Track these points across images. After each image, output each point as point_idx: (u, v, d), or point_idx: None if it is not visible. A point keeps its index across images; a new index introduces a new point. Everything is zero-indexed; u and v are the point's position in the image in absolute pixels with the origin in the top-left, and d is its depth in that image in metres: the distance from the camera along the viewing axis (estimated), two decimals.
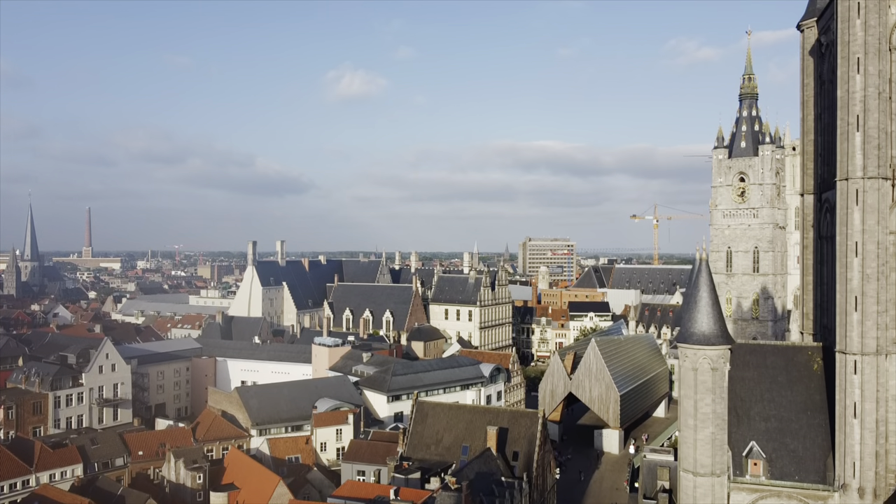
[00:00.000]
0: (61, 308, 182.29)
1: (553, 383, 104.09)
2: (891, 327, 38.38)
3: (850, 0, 37.28)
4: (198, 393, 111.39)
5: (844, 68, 37.89)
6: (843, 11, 37.74)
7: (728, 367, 41.10)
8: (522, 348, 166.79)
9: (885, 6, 37.51)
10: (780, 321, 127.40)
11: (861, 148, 37.37)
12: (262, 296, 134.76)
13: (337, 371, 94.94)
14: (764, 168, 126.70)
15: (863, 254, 37.30)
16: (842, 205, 38.19)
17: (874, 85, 37.42)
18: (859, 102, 37.32)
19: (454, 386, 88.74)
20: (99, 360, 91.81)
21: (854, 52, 37.43)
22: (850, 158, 37.82)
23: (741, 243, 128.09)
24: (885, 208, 37.82)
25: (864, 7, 36.91)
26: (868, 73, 37.20)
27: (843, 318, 38.55)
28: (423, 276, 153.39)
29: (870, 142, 37.36)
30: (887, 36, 37.86)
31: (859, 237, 37.45)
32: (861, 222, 37.50)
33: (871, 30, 37.19)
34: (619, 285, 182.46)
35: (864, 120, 37.18)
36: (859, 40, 37.31)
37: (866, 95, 37.24)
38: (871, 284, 37.53)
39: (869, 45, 37.13)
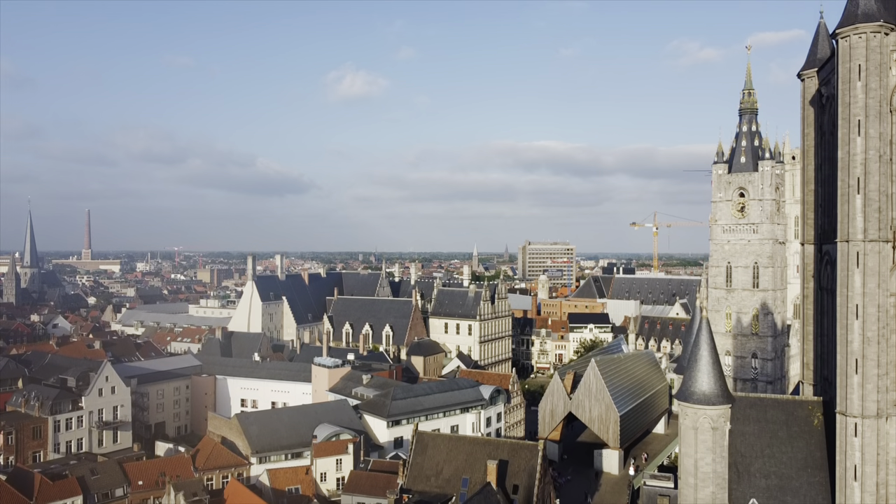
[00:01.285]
0: (61, 319, 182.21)
1: (553, 403, 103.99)
2: (891, 390, 38.37)
3: (851, 62, 37.25)
4: (197, 411, 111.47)
5: (845, 129, 37.83)
6: (843, 73, 37.68)
7: (728, 426, 41.09)
8: (522, 360, 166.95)
9: (886, 68, 37.41)
10: (779, 336, 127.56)
11: (862, 210, 37.34)
12: (262, 311, 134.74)
13: (337, 392, 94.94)
14: (764, 184, 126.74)
15: (863, 317, 37.29)
16: (842, 266, 38.19)
17: (875, 148, 37.35)
18: (860, 165, 37.27)
19: (454, 409, 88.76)
20: (99, 383, 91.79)
21: (855, 115, 37.36)
22: (850, 220, 37.80)
23: (741, 259, 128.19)
24: (886, 271, 37.79)
25: (864, 69, 36.85)
26: (869, 136, 37.13)
27: (844, 379, 38.53)
28: (422, 288, 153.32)
29: (870, 204, 37.32)
30: (888, 98, 37.77)
31: (860, 300, 37.45)
32: (862, 285, 37.50)
33: (871, 92, 37.13)
34: (618, 295, 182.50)
35: (865, 182, 37.14)
36: (860, 102, 37.24)
37: (867, 158, 37.18)
38: (871, 347, 37.50)
39: (870, 108, 37.06)
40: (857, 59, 37.09)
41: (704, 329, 41.94)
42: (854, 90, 37.22)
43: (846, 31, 37.83)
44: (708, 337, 41.62)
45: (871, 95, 37.16)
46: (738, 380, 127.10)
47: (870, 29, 37.16)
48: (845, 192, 37.87)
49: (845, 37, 37.93)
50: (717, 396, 41.06)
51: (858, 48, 37.26)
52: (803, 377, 50.47)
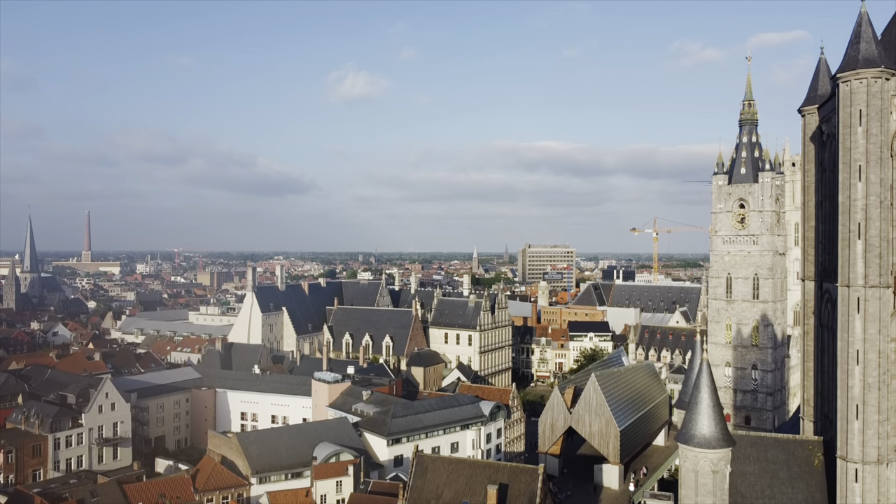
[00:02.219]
0: (60, 327, 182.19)
1: (553, 417, 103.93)
2: (892, 436, 38.36)
3: (852, 106, 37.17)
4: (198, 425, 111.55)
5: (846, 174, 37.79)
6: (844, 117, 37.59)
7: (729, 469, 41.03)
8: (522, 368, 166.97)
9: (887, 113, 37.34)
10: (780, 347, 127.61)
11: (863, 256, 37.29)
12: (262, 322, 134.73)
13: (336, 408, 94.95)
14: (764, 195, 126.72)
15: (864, 362, 37.25)
16: (843, 311, 38.18)
17: (876, 193, 37.30)
18: (861, 210, 37.22)
19: (454, 426, 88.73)
20: (99, 400, 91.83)
21: (856, 160, 37.31)
22: (851, 265, 37.76)
23: (741, 270, 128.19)
24: (887, 316, 37.77)
25: (865, 114, 36.76)
26: (870, 182, 37.08)
27: (845, 424, 38.51)
28: (422, 297, 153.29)
29: (871, 250, 37.26)
30: (889, 143, 37.71)
31: (860, 346, 37.41)
32: (862, 331, 37.46)
33: (872, 137, 37.05)
34: (618, 303, 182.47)
35: (866, 228, 37.09)
36: (861, 148, 37.17)
37: (868, 204, 37.13)
38: (872, 393, 37.47)
39: (871, 154, 37.00)
40: (857, 104, 37.05)
41: (705, 372, 41.87)
42: (855, 135, 37.15)
43: (847, 76, 37.78)
44: (708, 380, 41.55)
45: (871, 141, 37.09)
46: (738, 391, 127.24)
47: (871, 74, 37.09)
48: (846, 237, 37.84)
49: (846, 81, 37.89)
50: (717, 440, 41.01)
51: (859, 93, 37.20)
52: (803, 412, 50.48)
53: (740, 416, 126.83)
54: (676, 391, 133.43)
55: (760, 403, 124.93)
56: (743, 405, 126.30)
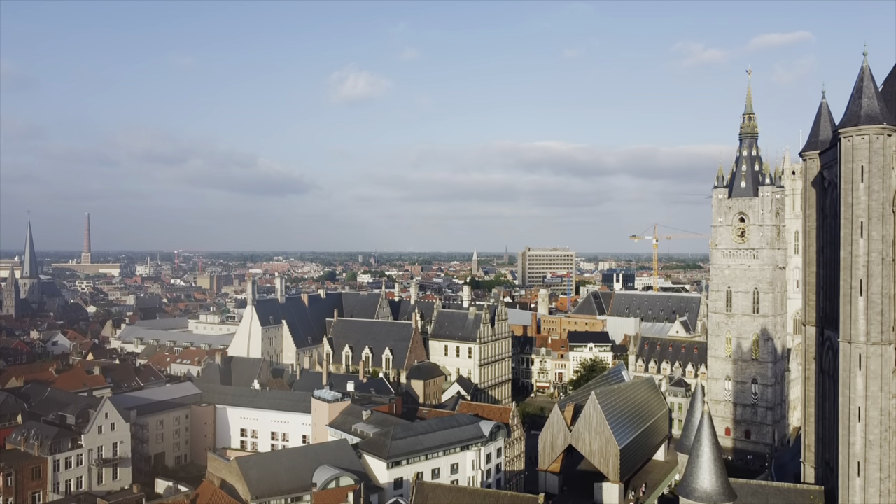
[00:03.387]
0: (60, 336, 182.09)
1: (553, 435, 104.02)
2: (893, 493, 38.29)
3: (854, 162, 36.99)
4: (197, 441, 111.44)
5: (847, 230, 37.64)
6: (846, 172, 37.43)
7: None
8: (522, 379, 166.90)
9: (889, 169, 37.17)
10: (780, 361, 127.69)
11: (864, 313, 37.19)
12: (262, 335, 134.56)
13: (336, 427, 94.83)
14: (764, 209, 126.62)
15: (866, 420, 37.15)
16: (844, 367, 38.07)
17: (878, 250, 37.17)
18: (862, 267, 37.10)
19: (454, 447, 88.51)
20: (98, 420, 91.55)
21: (857, 216, 37.16)
22: (853, 322, 37.66)
23: (741, 284, 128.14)
24: (889, 373, 37.65)
25: (867, 171, 36.60)
26: (872, 238, 36.93)
27: (846, 481, 38.41)
28: (422, 308, 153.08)
29: (873, 307, 37.17)
30: (891, 199, 37.58)
31: (862, 403, 37.31)
32: (864, 388, 37.35)
33: (874, 194, 36.90)
34: (618, 312, 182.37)
35: (868, 285, 36.96)
36: (863, 204, 37.03)
37: (870, 261, 37.01)
38: (874, 451, 37.35)
39: (872, 210, 36.85)
40: (859, 160, 36.87)
41: (706, 424, 41.74)
42: (857, 191, 37.01)
43: (849, 131, 37.59)
44: (709, 433, 41.43)
45: (873, 197, 36.94)
46: (738, 405, 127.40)
47: (873, 131, 36.92)
48: (848, 293, 37.75)
49: (848, 136, 37.70)
50: (718, 494, 40.92)
51: (861, 149, 37.02)
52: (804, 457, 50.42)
53: (740, 430, 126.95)
54: (676, 404, 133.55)
55: (760, 418, 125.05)
56: (743, 419, 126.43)
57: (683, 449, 62.02)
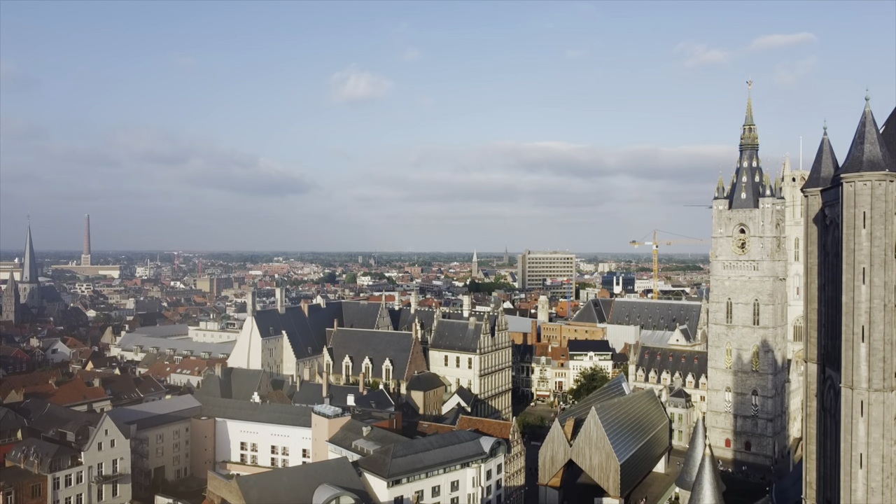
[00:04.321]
0: (60, 344, 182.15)
1: (553, 449, 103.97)
2: None
3: (856, 208, 36.90)
4: (197, 454, 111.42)
5: (849, 275, 37.56)
6: (848, 218, 37.32)
7: None
8: (522, 387, 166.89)
9: (891, 215, 37.07)
10: (780, 373, 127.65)
11: (866, 359, 37.12)
12: (262, 346, 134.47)
13: (337, 443, 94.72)
14: (764, 220, 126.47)
15: (868, 466, 37.04)
16: (846, 412, 37.98)
17: (880, 297, 37.10)
18: (864, 314, 37.05)
19: (455, 464, 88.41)
20: (98, 437, 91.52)
21: (860, 262, 37.09)
22: (854, 368, 37.58)
23: (741, 295, 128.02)
24: (891, 420, 37.58)
25: (869, 217, 36.52)
26: (874, 285, 36.88)
27: None
28: (422, 317, 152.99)
29: (875, 353, 37.10)
30: (893, 246, 37.50)
31: (864, 449, 37.22)
32: (866, 434, 37.28)
33: (876, 241, 36.83)
34: (618, 320, 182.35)
35: (870, 332, 36.91)
36: (865, 251, 36.96)
37: (872, 307, 36.96)
38: (875, 498, 37.26)
39: (875, 257, 36.78)
40: (861, 206, 36.80)
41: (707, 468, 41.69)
42: (859, 237, 36.94)
43: (851, 177, 37.51)
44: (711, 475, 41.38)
45: (875, 244, 36.86)
46: (739, 416, 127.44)
47: (875, 177, 36.84)
48: (849, 339, 37.67)
49: (850, 182, 37.63)
50: None
51: (863, 195, 36.95)
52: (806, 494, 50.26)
53: (740, 441, 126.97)
54: (676, 415, 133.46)
55: (761, 429, 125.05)
56: (743, 430, 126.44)
57: (684, 484, 61.94)
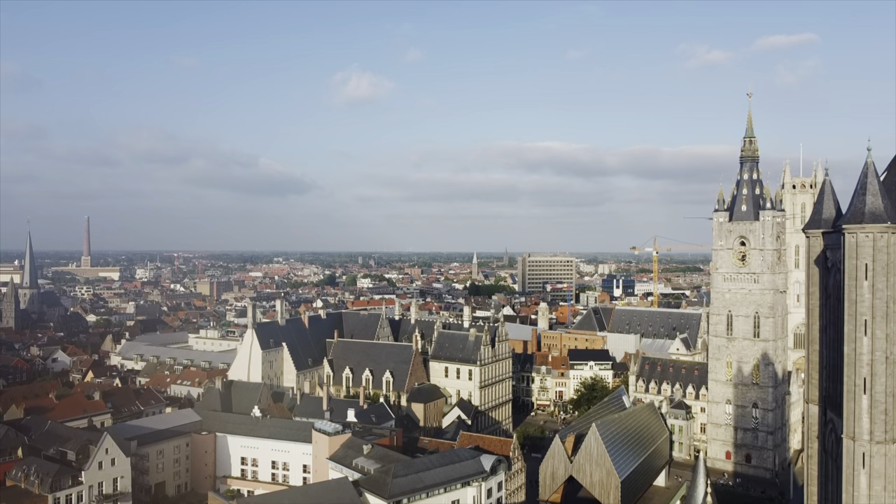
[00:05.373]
0: (60, 353, 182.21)
1: (554, 465, 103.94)
2: None
3: (858, 260, 36.83)
4: (198, 469, 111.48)
5: (851, 326, 37.50)
6: (850, 269, 37.25)
7: None
8: (522, 396, 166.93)
9: (893, 268, 36.99)
10: (780, 386, 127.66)
11: (868, 412, 37.09)
12: (262, 359, 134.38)
13: (337, 461, 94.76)
14: (765, 233, 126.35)
15: None
16: (848, 464, 37.93)
17: (882, 349, 37.04)
18: (866, 366, 37.00)
19: (455, 483, 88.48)
20: (99, 456, 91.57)
21: (861, 314, 37.03)
22: (856, 420, 37.54)
23: (742, 308, 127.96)
24: (893, 473, 37.51)
25: (871, 269, 36.46)
26: (876, 337, 36.82)
27: None
28: (422, 327, 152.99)
29: (877, 406, 37.05)
30: (895, 298, 37.44)
31: (866, 501, 37.14)
32: (868, 487, 37.23)
33: (878, 293, 36.78)
34: (618, 328, 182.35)
35: (872, 384, 36.86)
36: (867, 302, 36.91)
37: (874, 360, 36.90)
38: None
39: (877, 309, 36.72)
40: (863, 258, 36.74)
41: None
42: (861, 289, 36.89)
43: (853, 229, 37.44)
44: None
45: (877, 296, 36.83)
46: (739, 429, 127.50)
47: (877, 230, 36.77)
48: (851, 390, 37.63)
49: (852, 233, 37.56)
50: None
51: (865, 247, 36.88)
52: None
53: (741, 453, 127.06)
54: (677, 427, 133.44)
55: (761, 442, 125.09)
56: (744, 443, 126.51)
57: None
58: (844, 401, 38.24)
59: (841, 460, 39.34)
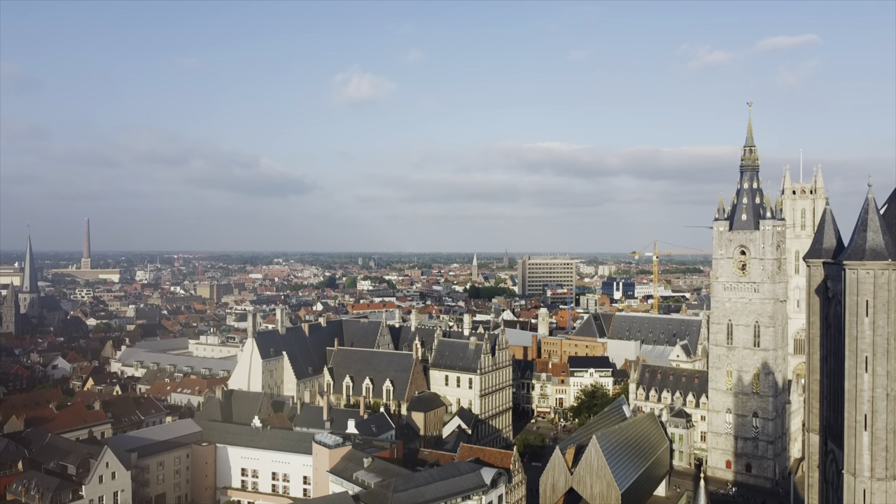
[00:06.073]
0: (60, 360, 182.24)
1: (554, 477, 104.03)
2: None
3: (859, 296, 36.79)
4: (198, 480, 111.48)
5: (852, 362, 37.46)
6: (850, 305, 37.25)
7: None
8: (522, 403, 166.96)
9: (894, 304, 36.96)
10: (780, 395, 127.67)
11: (869, 448, 37.05)
12: (262, 368, 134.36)
13: (337, 474, 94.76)
14: (765, 243, 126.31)
15: None
16: (848, 499, 37.90)
17: (882, 386, 37.01)
18: (867, 402, 36.96)
19: (455, 498, 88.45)
20: (99, 470, 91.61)
21: (862, 350, 37.00)
22: (857, 456, 37.50)
23: (742, 317, 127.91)
24: None
25: (872, 306, 36.43)
26: (876, 374, 36.80)
27: None
28: (423, 335, 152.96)
29: (878, 443, 37.02)
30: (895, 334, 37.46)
31: None
32: None
33: (879, 329, 36.75)
34: (618, 334, 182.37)
35: (873, 421, 36.84)
36: (867, 339, 36.87)
37: (874, 396, 36.88)
38: None
39: (877, 346, 36.69)
40: (864, 295, 36.69)
41: None
42: (861, 325, 36.86)
43: (854, 265, 37.40)
44: None
45: (878, 333, 36.79)
46: (739, 438, 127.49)
47: (878, 267, 36.72)
48: (852, 426, 37.60)
49: (853, 269, 37.53)
50: None
51: (866, 283, 36.84)
52: None
53: (741, 463, 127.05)
54: (677, 435, 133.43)
55: (761, 451, 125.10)
56: (744, 452, 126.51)
57: None
58: (845, 436, 38.21)
59: (842, 491, 39.37)
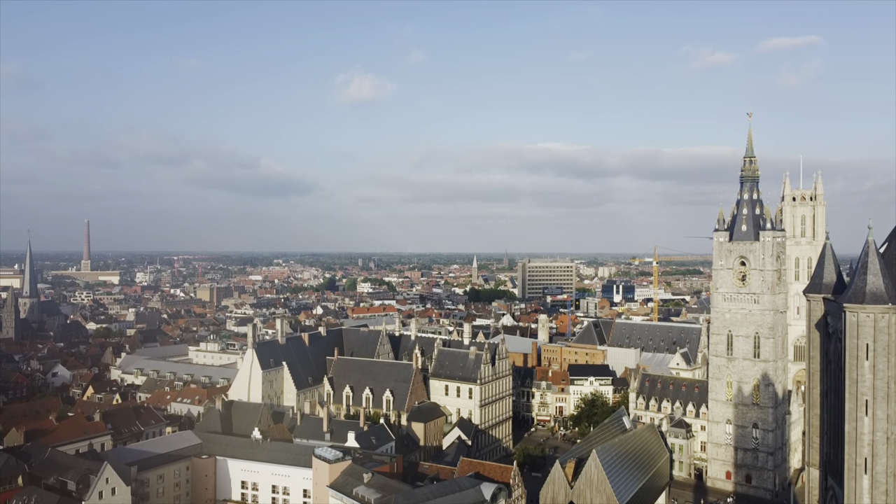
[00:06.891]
0: (60, 367, 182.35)
1: (554, 491, 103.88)
2: None
3: (859, 339, 36.72)
4: (198, 493, 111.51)
5: (852, 405, 37.40)
6: (851, 347, 37.18)
7: None
8: (522, 412, 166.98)
9: (894, 348, 36.88)
10: (780, 406, 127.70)
11: (869, 492, 36.97)
12: (262, 378, 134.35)
13: (337, 489, 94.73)
14: (765, 254, 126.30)
15: None
16: None
17: (882, 429, 36.95)
18: (867, 445, 36.88)
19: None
20: (99, 486, 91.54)
21: (862, 394, 36.95)
22: (857, 499, 37.41)
23: (742, 328, 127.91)
24: None
25: (872, 349, 36.36)
26: (876, 418, 36.74)
27: None
28: (423, 344, 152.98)
29: (878, 486, 36.95)
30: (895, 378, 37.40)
31: None
32: None
33: (879, 373, 36.68)
34: (618, 342, 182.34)
35: (873, 465, 36.73)
36: (868, 382, 36.81)
37: (874, 440, 36.80)
38: None
39: (877, 390, 36.64)
40: (864, 338, 36.61)
41: None
42: (861, 369, 36.79)
43: (854, 308, 37.35)
44: None
45: (878, 376, 36.73)
46: (739, 449, 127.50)
47: (878, 311, 36.66)
48: (852, 469, 37.52)
49: (853, 312, 37.47)
50: None
51: (866, 326, 36.76)
52: None
53: (741, 474, 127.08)
54: (677, 446, 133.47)
55: (762, 462, 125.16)
56: (744, 463, 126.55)
57: None
58: (846, 479, 38.16)
59: None
